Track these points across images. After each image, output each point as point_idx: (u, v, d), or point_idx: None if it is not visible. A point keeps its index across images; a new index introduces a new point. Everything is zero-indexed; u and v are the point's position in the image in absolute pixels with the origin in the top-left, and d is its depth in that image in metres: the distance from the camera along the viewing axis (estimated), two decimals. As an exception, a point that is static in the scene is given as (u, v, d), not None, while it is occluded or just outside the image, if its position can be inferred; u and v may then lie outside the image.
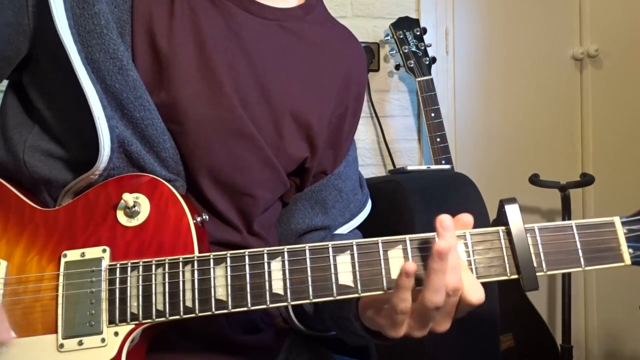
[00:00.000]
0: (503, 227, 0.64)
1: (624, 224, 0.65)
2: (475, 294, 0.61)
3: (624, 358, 2.41)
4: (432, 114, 1.93)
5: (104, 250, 0.66)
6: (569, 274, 2.07)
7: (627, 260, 0.63)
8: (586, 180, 2.01)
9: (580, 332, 2.44)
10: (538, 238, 0.64)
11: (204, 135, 0.77)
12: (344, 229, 0.96)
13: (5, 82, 0.81)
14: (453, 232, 0.61)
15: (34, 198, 0.72)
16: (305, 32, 0.88)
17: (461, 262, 0.62)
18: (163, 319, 0.63)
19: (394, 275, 0.63)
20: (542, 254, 0.63)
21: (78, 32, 0.69)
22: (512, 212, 0.63)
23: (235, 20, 0.81)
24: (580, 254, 0.63)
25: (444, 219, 0.61)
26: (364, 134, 2.17)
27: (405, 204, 1.25)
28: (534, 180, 2.11)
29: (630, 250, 0.64)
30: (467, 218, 0.65)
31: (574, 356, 2.09)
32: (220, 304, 0.63)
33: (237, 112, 0.78)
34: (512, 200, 0.64)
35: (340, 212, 0.94)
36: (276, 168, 0.83)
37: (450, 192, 1.27)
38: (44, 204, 0.73)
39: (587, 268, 0.63)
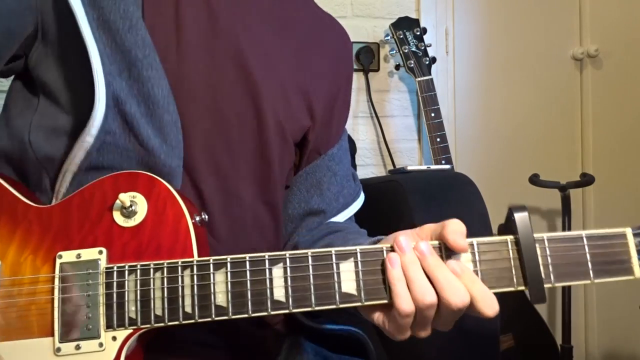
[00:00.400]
0: (511, 237, 0.62)
1: (635, 235, 0.62)
2: (491, 308, 0.60)
3: (624, 358, 2.41)
4: (432, 114, 1.93)
5: (101, 252, 0.65)
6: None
7: (637, 273, 0.62)
8: (586, 180, 2.01)
9: (580, 332, 2.44)
10: (547, 249, 0.62)
11: (212, 99, 0.78)
12: (339, 218, 0.96)
13: (8, 83, 0.82)
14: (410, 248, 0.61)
15: (30, 194, 0.71)
16: (297, 13, 0.93)
17: (470, 275, 0.61)
18: (162, 324, 0.63)
19: None
20: (550, 265, 0.61)
21: None
22: (522, 221, 0.61)
23: None
24: (590, 266, 0.61)
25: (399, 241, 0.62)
26: (364, 134, 2.17)
27: (405, 204, 1.25)
28: (534, 180, 2.10)
29: None
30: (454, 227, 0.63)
31: (574, 356, 2.09)
32: (220, 310, 0.62)
33: (245, 74, 0.81)
34: (522, 209, 0.61)
35: (334, 195, 0.95)
36: (285, 132, 0.85)
37: (450, 192, 1.27)
38: (42, 197, 0.72)
39: (596, 281, 0.61)
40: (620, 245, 0.62)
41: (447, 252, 0.62)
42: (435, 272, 0.60)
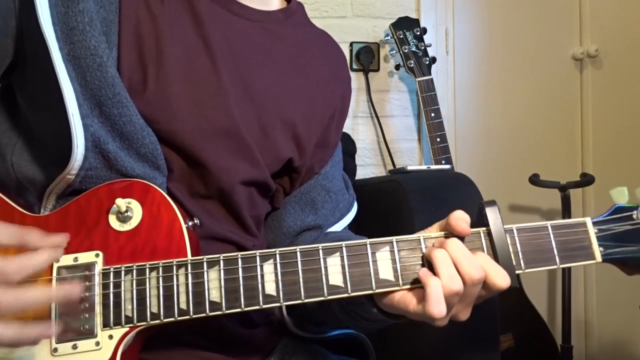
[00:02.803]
0: (484, 228, 0.67)
1: (594, 224, 0.69)
2: (504, 279, 0.63)
3: (624, 358, 2.41)
4: (432, 114, 1.94)
5: (97, 255, 0.66)
6: (569, 273, 2.08)
7: (598, 257, 0.68)
8: (586, 180, 2.01)
9: (580, 332, 2.44)
10: (516, 238, 0.67)
11: (190, 135, 0.77)
12: (334, 229, 0.96)
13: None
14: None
15: (24, 204, 0.72)
16: (287, 34, 0.91)
17: (481, 253, 0.65)
18: (157, 321, 0.64)
19: (382, 275, 0.65)
20: (520, 253, 0.67)
21: (61, 29, 0.70)
22: (492, 214, 0.66)
23: (219, 20, 0.83)
24: (555, 252, 0.67)
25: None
26: (364, 134, 2.17)
27: (405, 204, 1.25)
28: (534, 180, 2.10)
29: (601, 249, 0.68)
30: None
31: (574, 356, 2.09)
32: (214, 305, 0.64)
33: (222, 110, 0.79)
34: (492, 203, 0.67)
35: (330, 212, 0.95)
36: (260, 166, 0.84)
37: (450, 192, 1.27)
38: (30, 209, 0.73)
39: (562, 265, 0.67)
40: (582, 232, 0.68)
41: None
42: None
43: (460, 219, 0.65)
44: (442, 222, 0.68)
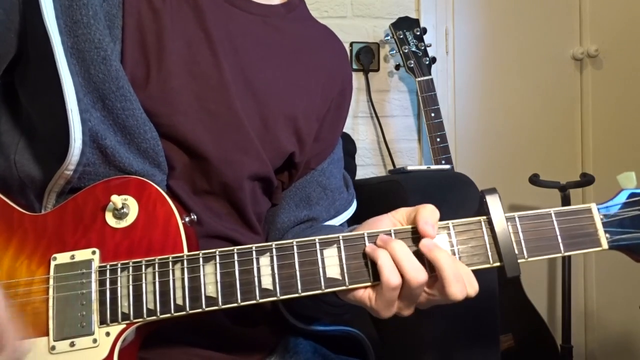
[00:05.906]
0: (484, 217, 0.66)
1: (600, 209, 0.67)
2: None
3: (623, 358, 2.41)
4: (432, 114, 1.94)
5: (94, 252, 0.66)
6: (569, 273, 2.08)
7: (605, 244, 0.66)
8: (586, 180, 2.00)
9: (580, 332, 2.44)
10: (518, 226, 0.66)
11: (192, 129, 0.77)
12: (330, 223, 0.96)
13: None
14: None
15: (22, 203, 0.72)
16: (288, 29, 0.91)
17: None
18: (154, 317, 0.64)
19: None
20: (522, 241, 0.65)
21: (65, 22, 0.70)
22: (493, 202, 0.65)
23: (221, 13, 0.83)
24: (560, 239, 0.65)
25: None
26: (364, 134, 2.17)
27: (405, 204, 1.24)
28: (534, 180, 2.10)
29: (607, 235, 0.66)
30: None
31: (574, 356, 2.09)
32: (211, 300, 0.64)
33: (224, 104, 0.79)
34: (492, 191, 0.66)
35: (325, 208, 0.95)
36: (263, 160, 0.84)
37: (450, 192, 1.27)
38: (31, 208, 0.73)
39: (566, 253, 0.65)
40: (587, 219, 0.66)
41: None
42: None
43: (427, 223, 0.64)
44: (410, 213, 0.68)
